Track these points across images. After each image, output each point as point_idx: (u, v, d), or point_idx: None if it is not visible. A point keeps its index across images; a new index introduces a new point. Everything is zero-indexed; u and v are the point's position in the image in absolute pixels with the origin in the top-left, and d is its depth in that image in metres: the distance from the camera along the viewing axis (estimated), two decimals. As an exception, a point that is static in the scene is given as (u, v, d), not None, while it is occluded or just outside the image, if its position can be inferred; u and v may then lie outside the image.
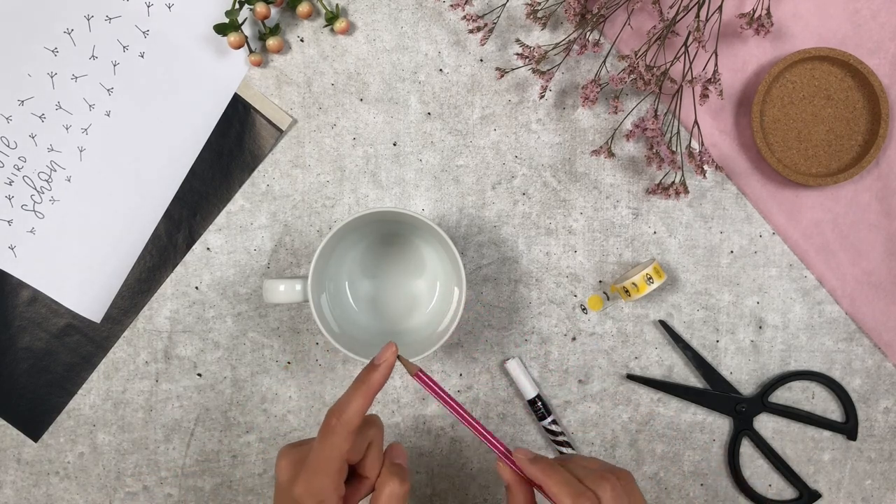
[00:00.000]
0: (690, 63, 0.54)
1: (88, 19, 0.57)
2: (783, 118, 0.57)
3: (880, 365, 0.59)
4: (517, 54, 0.56)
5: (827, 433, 0.60)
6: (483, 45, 0.57)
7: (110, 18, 0.57)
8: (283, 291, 0.51)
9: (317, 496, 0.41)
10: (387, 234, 0.57)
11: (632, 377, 0.59)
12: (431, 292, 0.57)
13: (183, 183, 0.59)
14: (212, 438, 0.60)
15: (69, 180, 0.58)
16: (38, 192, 0.58)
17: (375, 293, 0.58)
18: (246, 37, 0.56)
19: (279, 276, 0.59)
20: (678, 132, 0.56)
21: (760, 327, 0.59)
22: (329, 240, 0.50)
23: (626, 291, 0.56)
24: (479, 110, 0.58)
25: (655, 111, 0.54)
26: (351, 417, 0.41)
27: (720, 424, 0.59)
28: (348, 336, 0.53)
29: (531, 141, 0.58)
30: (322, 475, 0.41)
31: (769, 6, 0.54)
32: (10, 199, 0.58)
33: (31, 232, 0.59)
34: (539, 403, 0.58)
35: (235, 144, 0.58)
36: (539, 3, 0.56)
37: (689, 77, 0.54)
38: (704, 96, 0.53)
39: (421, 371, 0.43)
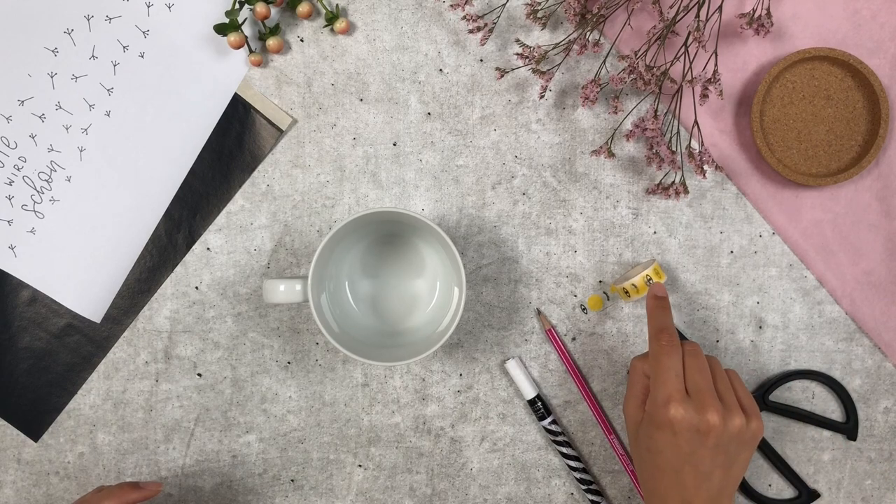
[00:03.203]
0: (690, 63, 0.54)
1: (88, 19, 0.57)
2: (783, 118, 0.57)
3: (880, 365, 0.59)
4: (517, 54, 0.56)
5: (827, 433, 0.60)
6: (483, 45, 0.57)
7: (110, 18, 0.57)
8: (283, 291, 0.51)
9: None
10: (387, 234, 0.57)
11: (632, 377, 0.59)
12: (431, 292, 0.57)
13: (183, 183, 0.59)
14: (212, 438, 0.60)
15: (69, 180, 0.58)
16: (38, 192, 0.58)
17: (375, 293, 0.58)
18: (246, 37, 0.56)
19: (279, 276, 0.59)
20: (678, 132, 0.56)
21: (760, 327, 0.59)
22: (329, 240, 0.50)
23: (626, 292, 0.56)
24: (479, 110, 0.58)
25: (655, 111, 0.54)
26: None
27: (720, 424, 0.59)
28: (348, 336, 0.53)
29: (531, 141, 0.58)
30: None
31: (769, 6, 0.54)
32: (10, 199, 0.58)
33: (31, 232, 0.59)
34: (539, 403, 0.58)
35: (235, 144, 0.58)
36: (539, 3, 0.56)
37: (689, 77, 0.54)
38: (704, 96, 0.53)
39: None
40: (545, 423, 0.58)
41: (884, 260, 0.58)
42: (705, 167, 0.57)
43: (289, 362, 0.60)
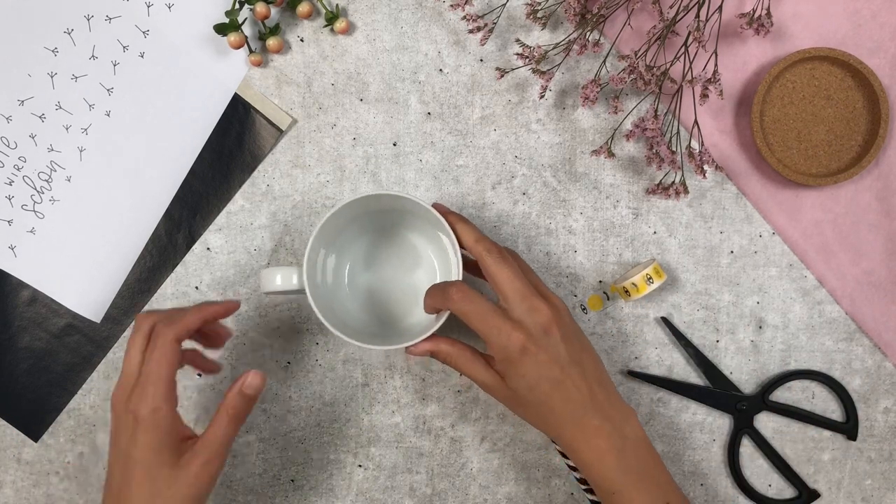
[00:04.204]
0: (690, 63, 0.54)
1: (88, 19, 0.57)
2: (783, 118, 0.57)
3: (880, 365, 0.59)
4: (517, 54, 0.56)
5: (827, 433, 0.60)
6: (483, 45, 0.57)
7: (110, 18, 0.57)
8: (280, 280, 0.51)
9: (150, 404, 0.44)
10: (386, 226, 0.57)
11: (633, 374, 0.59)
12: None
13: (183, 183, 0.59)
14: (212, 438, 0.60)
15: (69, 180, 0.58)
16: (38, 192, 0.58)
17: (375, 287, 0.58)
18: (246, 37, 0.56)
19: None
20: (678, 132, 0.56)
21: (760, 327, 0.59)
22: (329, 229, 0.50)
23: (626, 291, 0.56)
24: (479, 110, 0.58)
25: (655, 111, 0.54)
26: (180, 331, 0.45)
27: (720, 424, 0.59)
28: (347, 328, 0.53)
29: (531, 141, 0.58)
30: (154, 385, 0.44)
31: (769, 6, 0.54)
32: (10, 199, 0.58)
33: (31, 232, 0.59)
34: (539, 403, 0.58)
35: (235, 144, 0.58)
36: (539, 3, 0.56)
37: (689, 77, 0.54)
38: (704, 96, 0.53)
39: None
40: (545, 423, 0.58)
41: (884, 260, 0.58)
42: (705, 167, 0.57)
43: (289, 362, 0.60)
